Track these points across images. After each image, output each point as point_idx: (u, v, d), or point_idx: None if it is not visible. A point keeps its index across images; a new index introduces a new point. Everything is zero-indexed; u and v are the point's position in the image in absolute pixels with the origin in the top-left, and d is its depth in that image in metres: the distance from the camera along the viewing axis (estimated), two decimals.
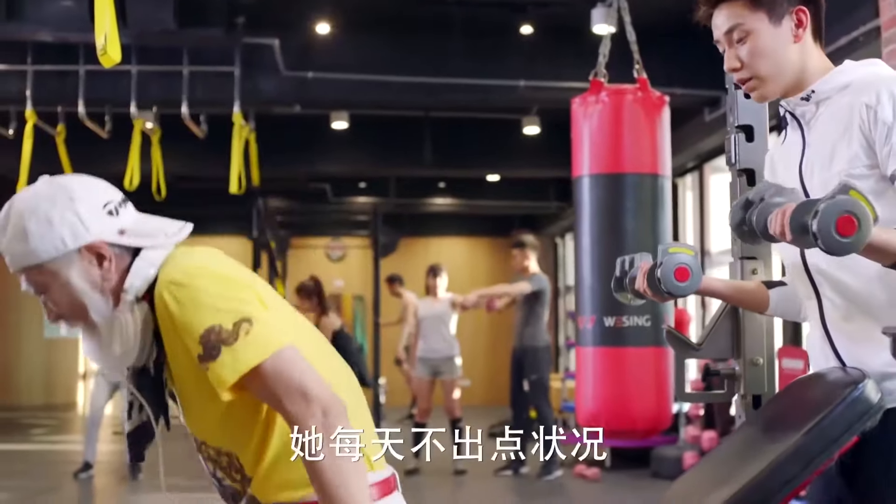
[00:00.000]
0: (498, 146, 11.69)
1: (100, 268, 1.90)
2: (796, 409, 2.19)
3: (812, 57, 2.18)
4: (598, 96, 4.77)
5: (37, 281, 1.93)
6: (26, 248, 1.88)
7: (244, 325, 1.80)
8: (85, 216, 1.89)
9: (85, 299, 1.91)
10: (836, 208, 1.79)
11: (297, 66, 8.39)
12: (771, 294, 2.45)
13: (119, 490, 8.61)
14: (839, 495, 2.16)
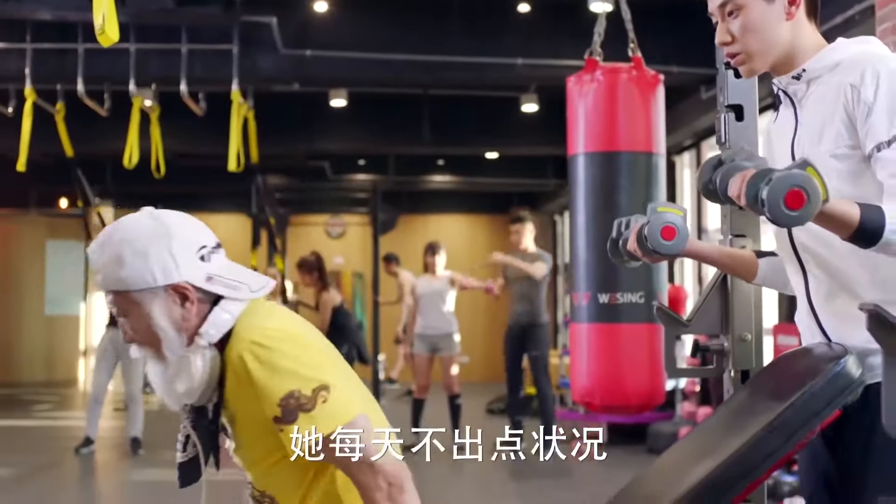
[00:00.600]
0: (496, 124, 11.71)
1: (181, 307, 1.99)
2: (780, 384, 2.23)
3: (805, 35, 2.18)
4: (594, 75, 4.80)
5: (120, 305, 2.02)
6: (118, 275, 1.99)
7: (322, 392, 1.91)
8: (178, 257, 1.99)
9: (161, 334, 2.00)
10: (788, 181, 1.82)
11: (295, 45, 8.40)
12: (760, 263, 2.48)
13: (120, 465, 8.67)
14: (825, 468, 2.19)
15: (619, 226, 2.53)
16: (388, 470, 1.91)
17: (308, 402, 1.90)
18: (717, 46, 2.28)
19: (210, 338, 1.99)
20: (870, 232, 1.92)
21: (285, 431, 1.90)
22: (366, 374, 14.62)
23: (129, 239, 2.00)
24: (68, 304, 16.74)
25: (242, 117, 8.79)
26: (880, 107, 2.01)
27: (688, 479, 2.09)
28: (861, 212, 1.92)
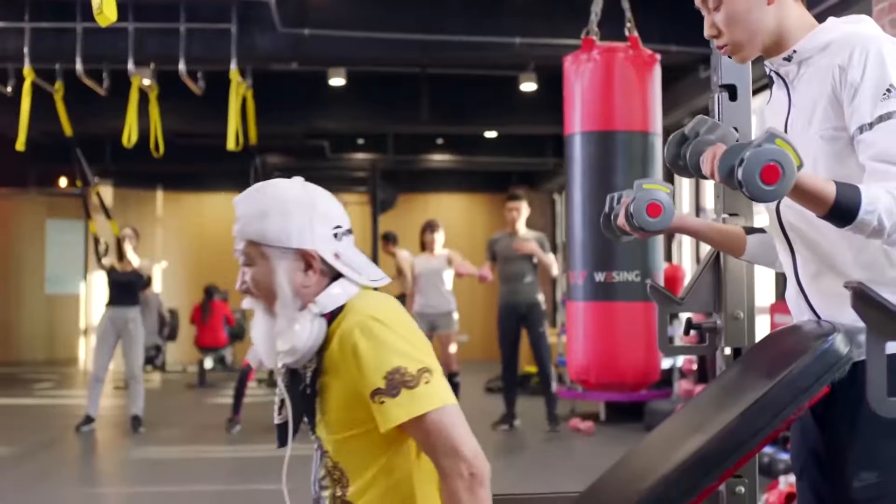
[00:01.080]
0: (495, 103, 11.71)
1: (304, 273, 2.10)
2: (769, 361, 2.26)
3: (791, 15, 2.19)
4: (590, 54, 4.81)
5: (250, 254, 2.12)
6: (259, 226, 2.09)
7: (426, 374, 1.98)
8: (316, 227, 2.10)
9: (279, 291, 2.09)
10: (762, 157, 1.84)
11: (293, 24, 8.40)
12: (749, 239, 2.51)
13: (121, 443, 8.72)
14: (815, 445, 2.22)
15: (612, 200, 2.55)
16: (472, 461, 1.96)
17: (412, 381, 1.96)
18: (706, 38, 2.29)
19: (322, 308, 2.07)
20: (845, 210, 1.94)
21: (385, 404, 1.96)
22: None
23: (279, 198, 2.11)
24: (68, 283, 16.78)
25: (241, 96, 8.81)
26: (865, 88, 2.02)
27: (678, 453, 2.12)
28: (837, 190, 1.94)
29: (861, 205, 1.93)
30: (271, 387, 12.65)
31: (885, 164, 1.99)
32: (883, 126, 1.99)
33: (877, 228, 1.94)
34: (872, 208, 1.93)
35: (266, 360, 2.15)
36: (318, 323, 2.06)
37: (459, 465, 1.95)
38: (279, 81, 10.92)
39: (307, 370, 2.11)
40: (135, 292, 9.17)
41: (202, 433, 9.20)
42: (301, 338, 2.05)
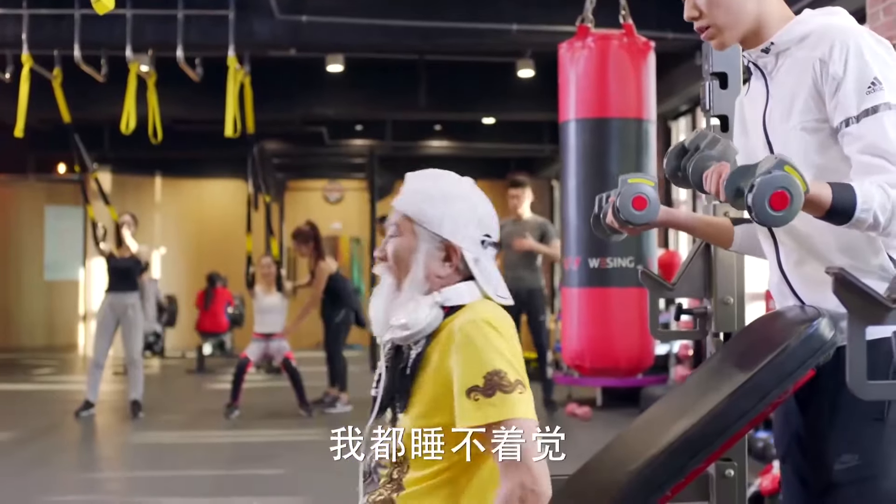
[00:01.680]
0: (493, 89, 11.72)
1: (441, 263, 2.20)
2: (755, 345, 2.30)
3: (771, 4, 2.22)
4: (585, 42, 4.84)
5: (401, 226, 2.24)
6: (420, 205, 2.21)
7: (520, 385, 2.04)
8: (470, 227, 2.21)
9: (414, 267, 2.20)
10: (771, 185, 1.88)
11: (291, 10, 8.41)
12: (736, 230, 2.54)
13: (120, 428, 8.77)
14: (798, 429, 2.26)
15: (600, 201, 2.57)
16: (539, 478, 1.99)
17: (508, 386, 2.02)
18: (686, 20, 2.31)
19: (445, 299, 2.16)
20: (842, 211, 1.97)
21: (479, 402, 2.01)
22: (363, 340, 14.77)
23: (449, 187, 2.25)
24: (68, 269, 16.81)
25: (239, 83, 8.82)
26: (849, 81, 2.05)
27: (666, 436, 2.16)
28: (833, 192, 1.97)
29: (857, 204, 1.96)
30: (270, 373, 12.70)
31: (873, 156, 2.02)
32: (869, 119, 2.02)
33: (872, 224, 1.98)
34: (868, 206, 1.96)
35: (377, 328, 2.24)
36: (436, 311, 2.14)
37: (525, 478, 1.98)
38: (277, 68, 10.93)
39: (411, 351, 2.16)
40: (133, 278, 9.20)
41: (201, 418, 9.24)
42: (416, 318, 2.12)
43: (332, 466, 2.31)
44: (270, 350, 9.33)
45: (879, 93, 2.02)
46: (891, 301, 1.68)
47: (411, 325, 2.12)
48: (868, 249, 2.12)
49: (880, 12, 5.02)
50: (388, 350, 2.22)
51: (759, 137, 2.26)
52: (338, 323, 9.45)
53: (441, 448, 2.10)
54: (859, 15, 5.79)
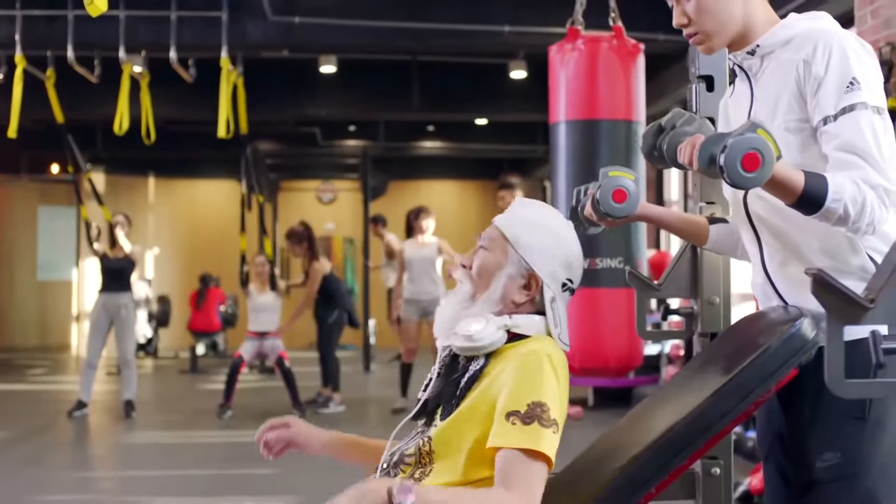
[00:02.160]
0: (485, 90, 11.75)
1: (518, 290, 2.24)
2: (739, 345, 2.33)
3: (756, 8, 2.26)
4: (575, 44, 4.88)
5: (494, 241, 2.28)
6: (519, 228, 2.26)
7: (556, 425, 2.06)
8: (558, 267, 2.25)
9: (493, 285, 2.24)
10: (743, 145, 1.91)
11: (283, 11, 8.44)
12: (711, 228, 2.57)
13: (113, 428, 8.79)
14: (779, 429, 2.29)
15: (579, 193, 2.59)
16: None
17: (547, 421, 2.04)
18: (675, 27, 2.34)
19: (514, 325, 2.18)
20: (813, 199, 2.01)
21: (515, 426, 2.02)
22: (356, 340, 14.79)
23: (550, 222, 2.29)
24: (61, 269, 16.82)
25: (232, 84, 8.84)
26: (829, 81, 2.09)
27: (651, 434, 2.19)
28: (806, 179, 2.01)
29: (828, 194, 2.00)
30: (263, 373, 12.72)
31: (848, 153, 2.05)
32: (846, 117, 2.06)
33: (842, 216, 2.02)
34: (839, 197, 2.00)
35: (440, 332, 2.26)
36: (502, 334, 2.16)
37: (513, 500, 1.98)
38: (270, 69, 10.95)
39: (469, 364, 2.18)
40: (127, 278, 9.23)
41: (194, 418, 9.26)
42: (483, 335, 2.15)
43: (324, 466, 2.34)
44: (265, 349, 9.36)
45: (857, 92, 2.06)
46: (868, 301, 1.71)
47: (477, 339, 2.15)
48: (849, 251, 2.15)
49: (868, 15, 5.06)
50: (445, 357, 2.24)
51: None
52: (331, 323, 9.48)
53: (466, 464, 2.11)
54: (847, 17, 5.83)
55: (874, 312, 1.72)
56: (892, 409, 2.15)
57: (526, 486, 2.00)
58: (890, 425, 2.16)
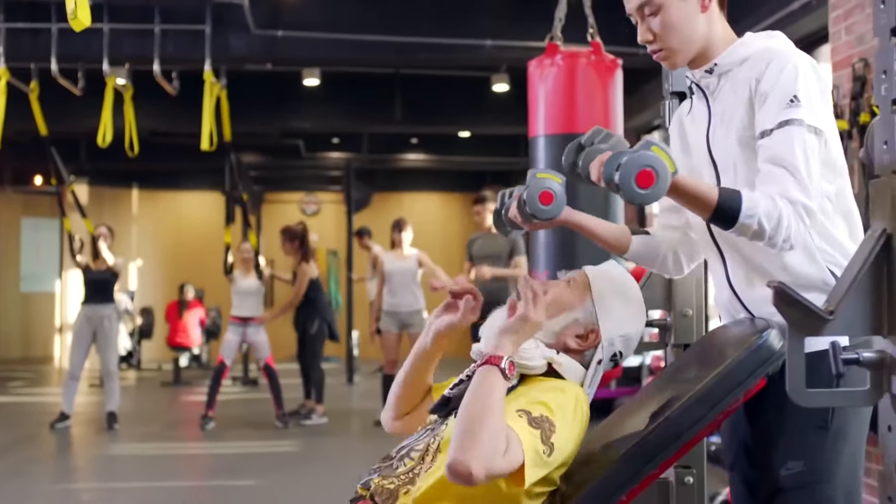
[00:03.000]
0: (468, 103, 11.80)
1: (575, 337, 2.32)
2: (709, 355, 2.38)
3: (717, 26, 2.32)
4: (554, 59, 4.93)
5: (576, 284, 2.37)
6: (605, 286, 2.36)
7: (553, 449, 2.06)
8: (618, 336, 2.34)
9: (557, 320, 2.31)
10: (637, 162, 1.99)
11: (266, 25, 8.48)
12: (633, 240, 2.59)
13: (95, 439, 8.79)
14: (745, 438, 2.35)
15: (503, 196, 2.61)
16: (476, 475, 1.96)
17: (546, 439, 2.05)
18: (640, 43, 2.39)
19: (558, 364, 2.27)
20: (726, 214, 2.09)
21: (522, 419, 2.05)
22: (339, 352, 14.81)
23: (633, 295, 2.40)
24: (44, 281, 16.79)
25: (215, 96, 8.88)
26: (772, 97, 2.15)
27: (622, 443, 2.24)
28: (719, 195, 2.09)
29: (742, 209, 2.07)
30: (246, 385, 12.74)
31: (776, 166, 2.12)
32: (781, 132, 2.12)
33: (757, 231, 2.09)
34: (752, 213, 2.07)
35: (484, 339, 2.29)
36: (543, 363, 2.25)
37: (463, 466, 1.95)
38: (254, 81, 10.99)
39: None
40: (110, 290, 9.25)
41: (177, 430, 9.28)
42: (528, 357, 2.22)
43: (306, 478, 2.38)
44: (248, 336, 9.38)
45: (796, 109, 2.12)
46: (827, 313, 1.76)
47: (520, 358, 2.20)
48: (810, 266, 2.22)
49: (842, 31, 5.14)
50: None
51: (703, 156, 2.35)
52: (313, 335, 9.49)
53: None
54: (822, 34, 5.92)
55: (833, 324, 1.77)
56: (854, 419, 2.22)
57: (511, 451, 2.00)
58: (851, 434, 2.22)
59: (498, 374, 2.08)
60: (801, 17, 6.14)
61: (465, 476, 1.94)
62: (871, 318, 1.77)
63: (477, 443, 1.95)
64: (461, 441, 1.96)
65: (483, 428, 1.98)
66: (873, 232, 1.78)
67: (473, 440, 1.96)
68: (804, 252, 2.21)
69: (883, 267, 1.76)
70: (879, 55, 1.77)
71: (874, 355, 1.77)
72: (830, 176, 2.22)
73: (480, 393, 2.04)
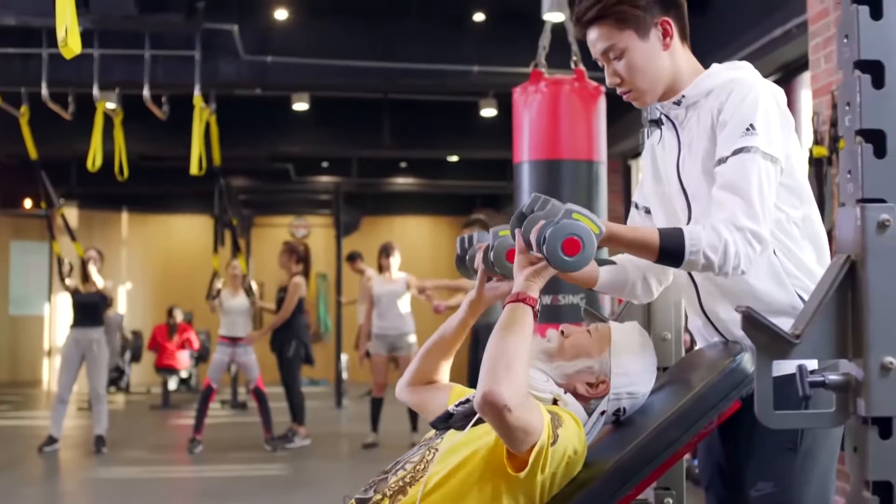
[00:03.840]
0: (456, 127, 11.86)
1: (586, 384, 2.37)
2: (685, 378, 2.44)
3: (681, 59, 2.37)
4: (538, 86, 5.01)
5: (598, 335, 2.44)
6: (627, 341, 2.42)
7: (557, 435, 2.12)
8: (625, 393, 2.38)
9: (573, 363, 2.38)
10: (560, 233, 2.06)
11: (256, 51, 8.57)
12: (600, 272, 2.60)
13: (83, 463, 8.78)
14: (719, 460, 2.41)
15: (463, 242, 2.68)
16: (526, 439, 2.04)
17: (556, 431, 2.12)
18: (609, 87, 2.45)
19: (562, 400, 2.32)
20: (671, 254, 2.15)
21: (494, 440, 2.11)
22: (329, 375, 14.80)
23: (650, 362, 2.45)
24: (33, 304, 16.77)
25: (204, 121, 8.93)
26: (730, 125, 2.20)
27: (600, 463, 2.29)
28: (661, 236, 2.15)
29: (685, 247, 2.13)
30: (235, 408, 12.74)
31: (726, 192, 2.17)
32: (736, 158, 2.17)
33: (705, 264, 2.15)
34: (696, 248, 2.13)
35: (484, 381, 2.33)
36: (549, 398, 2.30)
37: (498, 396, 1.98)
38: (244, 105, 11.05)
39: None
40: (99, 314, 9.27)
41: (165, 453, 9.28)
42: (533, 383, 2.27)
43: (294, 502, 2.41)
44: (237, 357, 9.37)
45: (752, 137, 2.17)
46: (794, 337, 1.82)
47: (530, 386, 2.22)
48: (778, 291, 2.27)
49: (822, 59, 5.22)
50: None
51: (675, 184, 2.40)
52: (291, 357, 9.40)
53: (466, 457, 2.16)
54: (802, 62, 6.00)
55: (800, 347, 1.82)
56: (824, 441, 2.27)
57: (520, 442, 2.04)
58: (821, 456, 2.27)
59: (530, 313, 2.14)
60: (783, 44, 6.23)
61: (500, 407, 1.98)
62: (837, 342, 1.82)
63: (511, 375, 2.02)
64: (494, 372, 2.02)
65: (516, 362, 2.04)
66: (838, 259, 1.84)
67: (508, 372, 2.02)
68: (773, 278, 2.26)
69: (847, 293, 1.81)
70: (843, 88, 1.83)
71: (840, 378, 1.82)
72: (796, 202, 2.28)
73: (514, 329, 2.10)
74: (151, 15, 7.77)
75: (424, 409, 2.57)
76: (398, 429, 9.06)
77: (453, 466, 2.15)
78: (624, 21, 2.31)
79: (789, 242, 2.27)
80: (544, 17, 6.73)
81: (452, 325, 2.59)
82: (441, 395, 2.55)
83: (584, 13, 2.36)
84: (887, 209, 1.76)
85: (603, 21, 2.33)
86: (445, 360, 2.63)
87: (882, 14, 1.78)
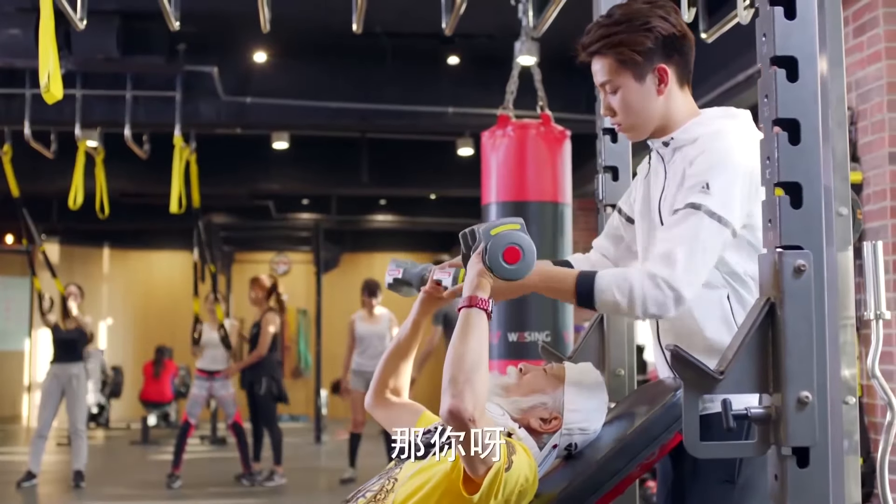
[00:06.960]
0: (434, 166, 11.96)
1: (540, 420, 2.45)
2: (632, 411, 2.58)
3: (677, 103, 2.44)
4: (505, 130, 5.18)
5: (552, 374, 2.53)
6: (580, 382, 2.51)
7: (511, 461, 2.20)
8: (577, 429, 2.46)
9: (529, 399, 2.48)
10: (503, 241, 2.20)
11: (235, 92, 8.71)
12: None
13: (62, 499, 8.82)
14: (672, 488, 2.52)
15: (393, 263, 2.88)
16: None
17: (509, 445, 2.21)
18: (602, 115, 2.58)
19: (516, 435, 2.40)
20: (585, 297, 2.27)
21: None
22: (308, 410, 14.84)
23: (602, 401, 2.54)
24: (13, 340, 16.78)
25: (185, 160, 9.05)
26: (690, 180, 2.29)
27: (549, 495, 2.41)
28: (577, 279, 2.27)
29: (594, 289, 2.25)
30: (214, 444, 12.78)
31: (661, 242, 2.28)
32: (683, 212, 2.26)
33: (619, 308, 2.26)
34: (605, 288, 2.24)
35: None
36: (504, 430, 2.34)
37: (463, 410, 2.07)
38: (226, 143, 11.16)
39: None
40: (79, 349, 9.34)
41: (144, 489, 9.32)
42: (488, 415, 2.31)
43: None
44: (214, 390, 9.38)
45: (704, 195, 2.24)
46: (718, 373, 1.96)
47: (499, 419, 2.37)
48: (727, 334, 2.35)
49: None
50: None
51: (656, 215, 2.48)
52: (264, 395, 9.33)
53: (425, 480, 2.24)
54: None
55: (724, 383, 1.95)
56: (763, 472, 2.40)
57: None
58: (760, 486, 2.39)
59: (485, 317, 2.22)
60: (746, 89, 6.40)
61: (466, 419, 2.07)
62: (758, 378, 1.96)
63: (473, 386, 2.09)
64: (456, 383, 2.09)
65: (475, 372, 2.11)
66: (759, 301, 1.98)
67: (469, 383, 2.09)
68: (723, 321, 2.36)
69: (767, 332, 1.95)
70: (762, 82, 1.97)
71: (761, 411, 1.96)
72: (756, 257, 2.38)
73: (470, 335, 2.17)
74: (133, 57, 7.89)
75: (393, 427, 2.64)
76: (376, 463, 9.13)
77: (409, 492, 2.25)
78: (623, 62, 2.40)
79: (743, 292, 2.36)
80: (518, 61, 6.92)
81: (406, 328, 2.70)
82: (411, 416, 2.63)
83: (589, 44, 2.45)
84: (803, 255, 1.89)
85: (605, 56, 2.42)
86: (405, 362, 2.73)
87: (798, 76, 1.95)
